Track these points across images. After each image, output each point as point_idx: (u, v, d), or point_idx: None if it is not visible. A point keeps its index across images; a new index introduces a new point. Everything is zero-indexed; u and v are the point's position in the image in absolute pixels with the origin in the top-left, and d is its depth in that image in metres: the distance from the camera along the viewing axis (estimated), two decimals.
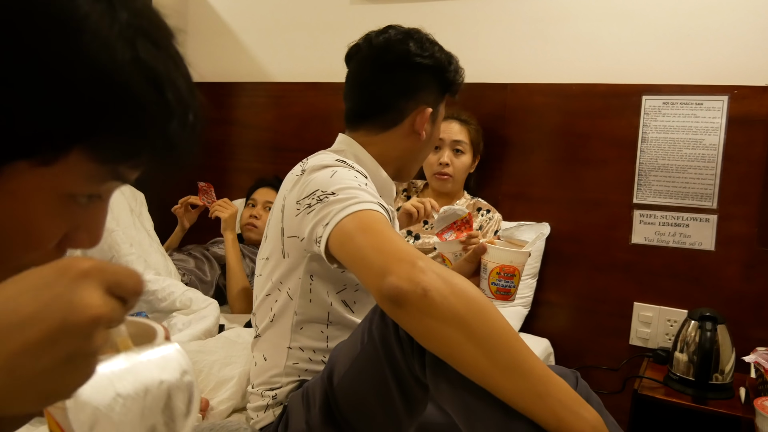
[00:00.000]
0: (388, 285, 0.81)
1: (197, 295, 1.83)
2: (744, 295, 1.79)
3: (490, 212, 2.00)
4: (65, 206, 0.42)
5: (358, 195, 0.97)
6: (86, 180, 0.41)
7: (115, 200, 2.01)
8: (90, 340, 0.36)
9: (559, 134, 2.01)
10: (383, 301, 0.83)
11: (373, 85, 1.21)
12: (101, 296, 0.37)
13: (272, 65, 2.52)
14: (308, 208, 1.01)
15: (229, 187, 2.46)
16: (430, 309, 0.79)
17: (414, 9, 2.22)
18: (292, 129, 2.44)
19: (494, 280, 1.11)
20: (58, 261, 0.37)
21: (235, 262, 2.04)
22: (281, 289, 1.12)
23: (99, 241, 0.46)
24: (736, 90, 1.78)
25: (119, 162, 0.41)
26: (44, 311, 0.35)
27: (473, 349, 0.79)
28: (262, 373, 1.14)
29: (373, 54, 1.21)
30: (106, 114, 0.38)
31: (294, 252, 1.08)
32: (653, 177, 1.89)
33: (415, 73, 1.20)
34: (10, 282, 0.36)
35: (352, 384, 0.95)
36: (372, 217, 0.93)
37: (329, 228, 0.94)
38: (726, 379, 1.59)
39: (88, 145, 0.39)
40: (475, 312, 0.80)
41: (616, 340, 1.96)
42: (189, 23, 2.69)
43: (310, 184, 1.03)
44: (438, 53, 1.22)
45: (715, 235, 1.82)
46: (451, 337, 0.79)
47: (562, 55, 2.02)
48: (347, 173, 1.04)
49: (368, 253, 0.87)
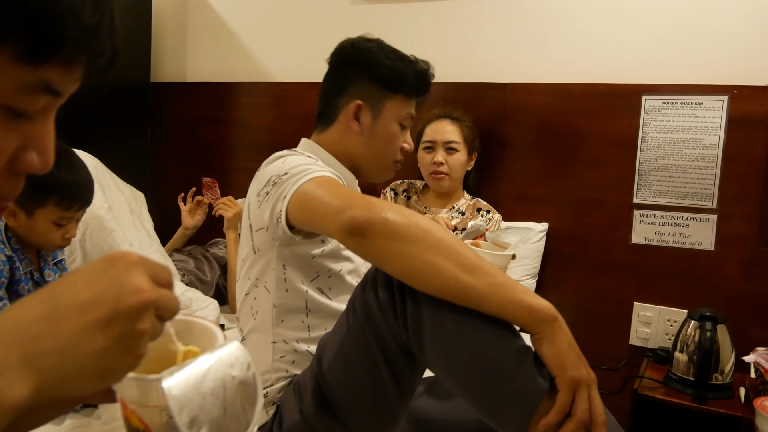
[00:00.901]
0: (348, 218, 0.87)
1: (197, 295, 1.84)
2: (744, 295, 1.79)
3: (490, 212, 2.00)
4: (5, 121, 0.43)
5: (309, 168, 1.04)
6: (18, 88, 0.41)
7: (115, 200, 2.01)
8: (140, 321, 0.41)
9: (559, 134, 2.01)
10: (345, 235, 0.88)
11: (321, 89, 1.31)
12: (148, 282, 0.42)
13: (272, 65, 2.52)
14: (266, 196, 1.07)
15: (229, 187, 2.46)
16: (392, 231, 0.86)
17: (414, 9, 2.22)
18: (292, 129, 2.44)
19: None
20: (110, 255, 0.43)
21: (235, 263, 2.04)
22: (258, 285, 1.14)
23: (51, 164, 0.46)
24: (736, 90, 1.78)
25: (44, 58, 0.41)
26: (100, 295, 0.40)
27: (439, 258, 0.84)
28: None
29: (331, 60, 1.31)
30: (14, 4, 0.39)
31: (263, 244, 1.12)
32: (653, 177, 1.89)
33: (343, 70, 1.27)
34: (68, 274, 0.43)
35: (342, 366, 0.96)
36: (326, 179, 1.01)
37: (287, 199, 1.01)
38: (726, 379, 1.59)
39: (8, 41, 0.39)
40: (430, 228, 0.87)
41: (616, 340, 1.96)
42: (189, 23, 2.69)
43: (265, 174, 1.10)
44: (374, 50, 1.25)
45: (715, 235, 1.82)
46: (416, 253, 0.85)
47: (562, 55, 2.02)
48: (298, 157, 1.11)
49: (325, 199, 0.94)
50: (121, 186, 2.13)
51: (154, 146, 2.72)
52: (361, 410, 0.97)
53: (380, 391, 0.95)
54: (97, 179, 1.96)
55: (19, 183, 0.47)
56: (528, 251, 1.97)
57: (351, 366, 0.96)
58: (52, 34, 0.41)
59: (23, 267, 1.34)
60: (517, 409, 0.81)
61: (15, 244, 1.33)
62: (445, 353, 0.86)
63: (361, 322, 0.93)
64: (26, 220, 1.32)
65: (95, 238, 1.83)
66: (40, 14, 0.40)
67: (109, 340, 0.40)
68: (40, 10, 0.40)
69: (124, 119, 2.57)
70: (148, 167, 2.72)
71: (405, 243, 0.85)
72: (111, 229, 1.85)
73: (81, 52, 0.43)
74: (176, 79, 2.72)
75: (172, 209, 2.43)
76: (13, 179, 0.46)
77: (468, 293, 0.84)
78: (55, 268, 1.44)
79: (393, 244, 0.86)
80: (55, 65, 0.42)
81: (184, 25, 2.69)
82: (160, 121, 2.71)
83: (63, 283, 0.41)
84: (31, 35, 0.40)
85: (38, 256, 1.41)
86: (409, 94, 1.28)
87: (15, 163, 0.45)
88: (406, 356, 0.93)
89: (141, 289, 0.41)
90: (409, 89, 1.27)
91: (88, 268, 0.42)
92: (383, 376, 0.94)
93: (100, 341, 0.39)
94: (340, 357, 0.96)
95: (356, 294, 0.97)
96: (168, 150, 2.71)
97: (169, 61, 2.73)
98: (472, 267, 0.85)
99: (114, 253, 0.43)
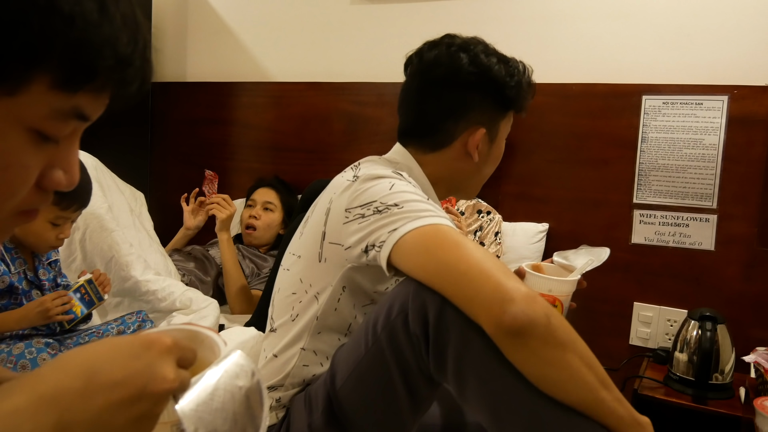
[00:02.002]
0: (511, 315, 0.79)
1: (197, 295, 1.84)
2: (744, 295, 1.79)
3: (491, 213, 2.00)
4: (35, 143, 0.44)
5: (429, 209, 0.93)
6: (51, 114, 0.43)
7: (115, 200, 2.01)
8: (159, 405, 0.45)
9: (560, 134, 2.01)
10: (500, 331, 0.80)
11: (420, 105, 1.13)
12: (175, 371, 0.46)
13: (272, 65, 2.52)
14: (361, 218, 0.96)
15: (229, 187, 2.46)
16: (553, 337, 0.80)
17: (414, 9, 2.22)
18: (292, 129, 2.44)
19: None
20: (148, 337, 0.46)
21: (231, 263, 2.03)
22: (308, 292, 1.07)
23: (77, 181, 0.49)
24: (736, 90, 1.78)
25: (78, 86, 0.43)
26: (131, 378, 0.44)
27: (585, 368, 0.81)
28: (269, 371, 1.12)
29: (421, 69, 1.13)
30: (56, 35, 0.40)
31: (333, 258, 1.03)
32: (653, 177, 1.89)
33: (463, 92, 1.10)
34: (106, 346, 0.46)
35: (356, 386, 0.94)
36: (454, 232, 0.89)
37: (398, 234, 0.90)
38: (726, 379, 1.59)
39: (46, 70, 0.41)
40: (577, 338, 0.83)
41: (616, 340, 1.96)
42: (189, 23, 2.69)
43: (366, 193, 0.98)
44: (496, 67, 1.10)
45: (715, 235, 1.82)
46: (568, 359, 0.81)
47: (562, 55, 2.02)
48: (407, 186, 0.98)
49: (477, 271, 0.83)
50: (121, 186, 2.13)
51: (154, 146, 2.72)
52: (372, 428, 0.96)
53: (395, 411, 0.93)
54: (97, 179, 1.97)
55: (48, 197, 0.49)
56: (528, 252, 1.97)
57: (366, 387, 0.93)
58: (88, 64, 0.42)
59: (17, 266, 1.34)
60: None
61: (9, 243, 1.33)
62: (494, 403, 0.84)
63: (382, 346, 0.90)
64: None
65: (95, 238, 1.83)
66: (80, 45, 0.41)
67: (129, 419, 0.43)
68: (80, 41, 0.41)
69: (124, 119, 2.57)
70: (148, 167, 2.72)
71: (560, 351, 0.80)
72: (111, 229, 1.85)
73: (113, 80, 0.45)
74: (176, 79, 2.72)
75: (172, 209, 2.43)
76: (41, 194, 0.48)
77: (599, 408, 0.81)
78: (50, 268, 1.44)
79: (550, 352, 0.80)
80: (87, 92, 0.44)
81: (184, 25, 2.69)
82: (160, 121, 2.71)
83: (102, 359, 0.44)
84: (69, 65, 0.41)
85: (32, 255, 1.41)
86: (519, 110, 1.17)
87: (43, 181, 0.47)
88: (428, 383, 0.91)
89: (167, 378, 0.45)
90: (521, 107, 1.16)
91: (127, 348, 0.45)
92: (401, 398, 0.92)
93: (122, 418, 0.43)
94: (355, 377, 0.94)
95: (378, 316, 0.92)
96: (168, 150, 2.71)
97: (169, 61, 2.73)
98: (606, 381, 0.82)
99: (152, 335, 0.46)
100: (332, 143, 2.36)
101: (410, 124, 1.15)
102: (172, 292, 1.80)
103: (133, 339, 0.46)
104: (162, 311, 1.81)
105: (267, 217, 2.20)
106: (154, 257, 1.97)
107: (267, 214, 2.21)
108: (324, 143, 2.38)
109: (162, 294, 1.80)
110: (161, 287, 1.81)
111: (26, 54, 0.40)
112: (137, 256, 1.85)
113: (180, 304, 1.79)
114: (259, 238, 2.21)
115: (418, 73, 1.13)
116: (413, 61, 1.15)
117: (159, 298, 1.79)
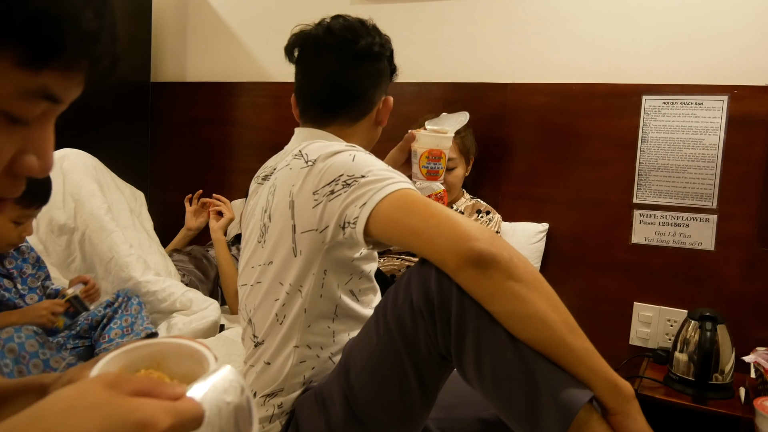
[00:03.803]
0: (475, 248, 0.84)
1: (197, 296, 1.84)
2: (744, 295, 1.79)
3: (490, 213, 1.99)
4: (4, 125, 0.43)
5: (393, 175, 0.98)
6: (17, 93, 0.42)
7: (114, 200, 2.01)
8: None
9: (559, 134, 2.01)
10: (463, 264, 0.85)
11: (344, 76, 1.19)
12: None
13: (272, 65, 2.52)
14: (331, 194, 0.99)
15: (229, 187, 2.46)
16: (514, 272, 0.84)
17: (414, 9, 2.22)
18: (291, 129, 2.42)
19: (424, 163, 1.29)
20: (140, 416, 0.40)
21: (228, 265, 2.03)
22: (291, 290, 1.07)
23: (50, 168, 0.47)
24: (736, 90, 1.78)
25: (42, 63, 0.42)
26: None
27: (550, 309, 0.85)
28: (265, 380, 1.11)
29: (337, 44, 1.19)
30: (13, 7, 0.39)
31: (309, 247, 1.04)
32: (653, 177, 1.89)
33: (378, 62, 1.21)
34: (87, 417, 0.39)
35: (371, 378, 0.95)
36: (419, 196, 0.96)
37: (369, 206, 0.94)
38: (726, 379, 1.59)
39: (7, 45, 0.40)
40: (542, 279, 0.87)
41: (616, 340, 1.96)
42: (189, 23, 2.69)
43: (330, 170, 1.01)
44: (387, 40, 1.24)
45: (715, 235, 1.82)
46: (531, 299, 0.84)
47: (562, 55, 2.02)
48: (367, 156, 1.04)
49: (445, 221, 0.89)
50: (120, 186, 2.13)
51: (154, 146, 2.72)
52: (388, 420, 0.96)
53: (408, 402, 0.95)
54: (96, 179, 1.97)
55: (19, 185, 0.47)
56: (528, 251, 1.97)
57: (381, 378, 0.94)
58: (51, 39, 0.41)
59: None
60: (556, 415, 0.81)
61: None
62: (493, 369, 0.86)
63: (393, 334, 0.92)
64: None
65: (95, 239, 1.83)
66: (38, 18, 0.40)
67: None
68: (39, 14, 0.40)
69: (124, 119, 2.57)
70: (148, 167, 2.72)
71: (523, 286, 0.84)
72: (111, 229, 1.85)
73: (80, 57, 0.43)
74: (176, 79, 2.72)
75: (171, 209, 2.43)
76: (12, 181, 0.46)
77: (565, 352, 0.84)
78: (16, 254, 1.45)
79: (512, 285, 0.84)
80: (54, 70, 0.42)
81: (184, 25, 2.69)
82: (160, 121, 2.71)
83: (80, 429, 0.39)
84: (30, 39, 0.40)
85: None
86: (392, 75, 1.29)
87: (14, 166, 0.45)
88: (437, 362, 0.92)
89: None
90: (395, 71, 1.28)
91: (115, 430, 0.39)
92: (412, 387, 0.93)
93: None
94: (370, 369, 0.94)
95: (387, 305, 0.94)
96: (168, 150, 2.71)
97: (169, 61, 2.73)
98: (575, 327, 0.86)
99: (145, 417, 0.40)
100: None
101: (337, 96, 1.20)
102: (173, 293, 1.80)
103: (125, 417, 0.40)
104: (162, 312, 1.81)
105: None
106: (154, 258, 1.97)
107: None
108: None
109: (162, 295, 1.80)
110: (161, 288, 1.80)
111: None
112: (137, 257, 1.85)
113: (180, 304, 1.79)
114: None
115: (335, 48, 1.19)
116: (320, 38, 1.21)
117: (159, 299, 1.79)
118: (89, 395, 0.41)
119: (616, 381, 0.84)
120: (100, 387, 0.42)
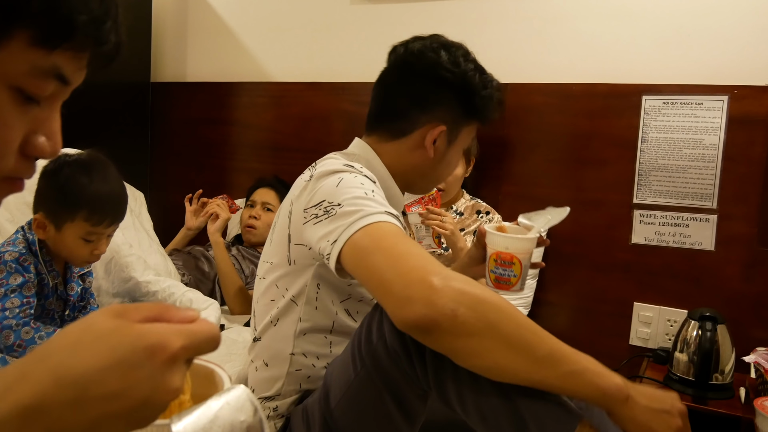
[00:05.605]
0: (413, 315, 0.78)
1: (197, 296, 1.84)
2: (744, 295, 1.79)
3: (490, 213, 1.99)
4: (17, 103, 0.45)
5: (364, 206, 0.93)
6: (31, 71, 0.44)
7: None
8: (161, 413, 0.42)
9: (559, 134, 2.01)
10: (411, 331, 0.81)
11: (392, 90, 1.17)
12: (181, 378, 0.42)
13: (272, 65, 2.52)
14: (315, 218, 0.98)
15: (229, 187, 2.46)
16: (462, 328, 0.77)
17: (414, 9, 2.22)
18: (292, 129, 2.44)
19: (492, 267, 1.09)
20: (150, 344, 0.40)
21: (227, 267, 2.03)
22: (285, 296, 1.08)
23: (59, 150, 0.49)
24: (736, 90, 1.78)
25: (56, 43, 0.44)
26: (130, 390, 0.40)
27: (511, 353, 0.79)
28: (262, 381, 1.12)
29: (403, 58, 1.16)
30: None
31: (301, 259, 1.05)
32: (653, 177, 1.89)
33: (436, 87, 1.13)
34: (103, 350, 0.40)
35: (350, 408, 0.94)
36: (382, 232, 0.89)
37: (338, 246, 0.90)
38: (726, 379, 1.59)
39: (25, 26, 0.42)
40: (501, 316, 0.80)
41: (616, 340, 1.96)
42: (189, 23, 2.68)
43: (318, 192, 0.99)
44: (471, 73, 1.12)
45: (715, 235, 1.82)
46: (487, 347, 0.79)
47: (562, 55, 2.02)
48: (353, 180, 0.99)
49: (385, 276, 0.83)
50: None
51: (154, 146, 2.72)
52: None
53: (392, 428, 0.94)
54: None
55: (32, 167, 0.49)
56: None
57: (360, 409, 0.93)
58: (65, 20, 0.44)
59: (51, 279, 1.32)
60: None
61: (45, 256, 1.31)
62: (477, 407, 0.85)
63: (369, 371, 0.90)
64: (55, 233, 1.28)
65: None
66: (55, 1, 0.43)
67: (127, 426, 0.41)
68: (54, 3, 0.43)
69: (124, 119, 2.57)
70: (148, 167, 2.71)
71: (474, 340, 0.78)
72: None
73: (90, 38, 0.46)
74: (176, 79, 2.71)
75: (171, 209, 2.43)
76: (25, 162, 0.48)
77: (540, 386, 0.81)
78: (80, 281, 1.42)
79: (462, 344, 0.79)
80: (66, 50, 0.45)
81: (184, 25, 2.69)
82: (160, 121, 2.71)
83: (97, 366, 0.40)
84: (46, 20, 0.43)
85: (65, 267, 1.38)
86: (484, 122, 1.19)
87: (26, 147, 0.48)
88: (418, 395, 0.91)
89: (172, 389, 0.41)
90: (487, 118, 1.18)
91: (127, 355, 0.40)
92: (394, 418, 0.92)
93: (120, 426, 0.41)
94: (348, 400, 0.94)
95: (361, 340, 0.92)
96: (168, 150, 2.71)
97: (169, 61, 2.73)
98: (545, 359, 0.80)
99: (155, 341, 0.41)
100: (332, 143, 2.34)
101: (379, 108, 1.18)
102: (173, 293, 1.80)
103: (134, 343, 0.40)
104: None
105: (267, 217, 2.20)
106: (153, 258, 1.98)
107: (267, 214, 2.21)
108: (324, 143, 2.37)
109: (162, 295, 1.80)
110: (161, 288, 1.81)
111: (5, 9, 0.41)
112: (137, 257, 1.85)
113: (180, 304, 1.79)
114: (259, 237, 2.21)
115: (399, 62, 1.17)
116: (397, 51, 1.18)
117: (159, 299, 1.79)
118: (96, 327, 0.42)
119: (604, 389, 0.80)
120: (107, 317, 0.42)
